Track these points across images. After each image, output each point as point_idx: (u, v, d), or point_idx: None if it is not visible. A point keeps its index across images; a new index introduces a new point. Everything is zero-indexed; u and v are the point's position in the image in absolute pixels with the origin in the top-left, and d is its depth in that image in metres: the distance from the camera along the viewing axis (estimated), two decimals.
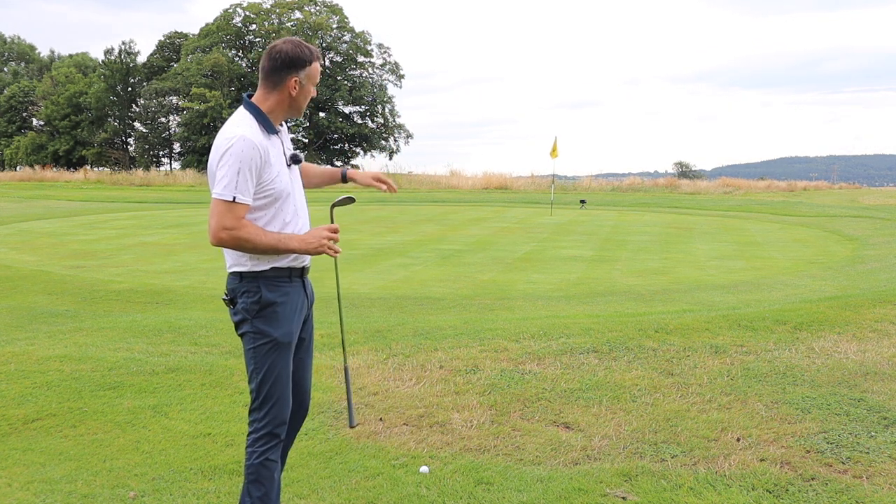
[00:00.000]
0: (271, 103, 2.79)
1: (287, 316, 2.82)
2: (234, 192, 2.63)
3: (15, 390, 4.79)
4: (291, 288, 2.84)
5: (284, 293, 2.81)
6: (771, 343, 5.69)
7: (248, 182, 2.66)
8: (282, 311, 2.80)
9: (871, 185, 54.11)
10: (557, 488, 3.40)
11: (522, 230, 18.84)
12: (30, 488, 3.47)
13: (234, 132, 2.67)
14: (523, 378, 4.93)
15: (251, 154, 2.64)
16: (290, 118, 2.89)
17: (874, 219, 20.99)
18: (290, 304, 2.83)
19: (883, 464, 3.61)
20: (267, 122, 2.76)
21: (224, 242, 2.67)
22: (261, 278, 2.78)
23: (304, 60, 2.78)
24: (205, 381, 4.99)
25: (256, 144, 2.66)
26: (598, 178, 44.30)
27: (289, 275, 2.83)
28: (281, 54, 2.76)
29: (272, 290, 2.78)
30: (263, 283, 2.78)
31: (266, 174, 2.71)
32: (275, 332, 2.80)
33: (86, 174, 47.18)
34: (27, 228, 18.08)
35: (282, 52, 2.76)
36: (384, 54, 60.48)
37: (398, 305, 8.26)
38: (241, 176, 2.63)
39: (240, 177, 2.63)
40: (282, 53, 2.76)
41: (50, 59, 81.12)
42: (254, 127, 2.72)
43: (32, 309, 7.74)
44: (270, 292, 2.78)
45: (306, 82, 2.81)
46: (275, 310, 2.79)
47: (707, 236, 17.54)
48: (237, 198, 2.64)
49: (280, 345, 2.81)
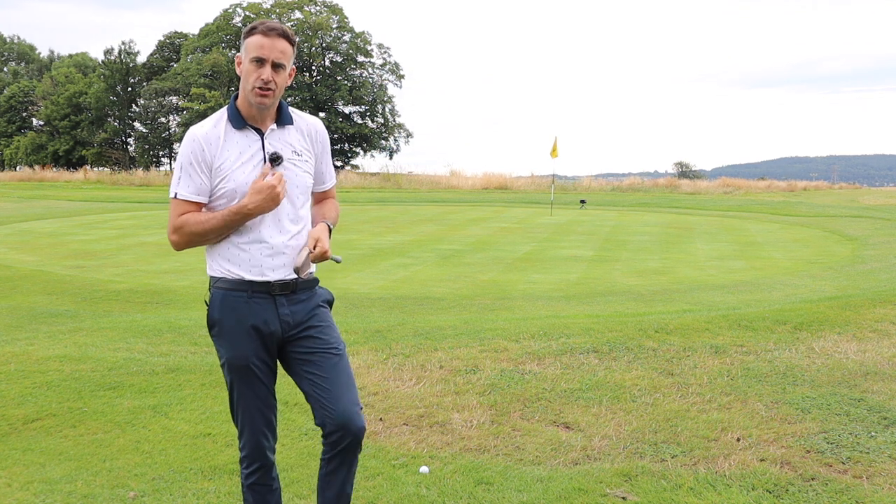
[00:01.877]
0: (240, 94, 2.58)
1: (239, 336, 2.54)
2: (175, 188, 2.50)
3: (15, 390, 4.79)
4: (250, 304, 2.54)
5: (236, 310, 2.54)
6: (771, 343, 5.69)
7: (191, 177, 2.49)
8: (231, 330, 2.55)
9: (871, 185, 54.14)
10: (557, 488, 3.39)
11: (522, 230, 18.84)
12: (30, 488, 3.47)
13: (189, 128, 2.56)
14: (523, 378, 4.93)
15: (190, 147, 2.49)
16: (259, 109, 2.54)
17: (874, 219, 20.99)
18: (243, 324, 2.54)
19: (883, 464, 3.61)
20: (235, 114, 2.55)
21: (177, 244, 2.53)
22: (217, 288, 2.58)
23: (244, 34, 2.54)
24: (205, 381, 4.99)
25: (197, 136, 2.50)
26: (598, 178, 44.34)
27: (245, 288, 2.54)
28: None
29: (223, 304, 2.56)
30: (216, 294, 2.58)
31: (216, 170, 2.51)
32: (224, 354, 2.59)
33: (86, 174, 47.18)
34: (27, 228, 18.08)
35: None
36: (384, 54, 60.52)
37: (398, 305, 8.25)
38: (184, 171, 2.50)
39: (182, 172, 2.50)
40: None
41: (50, 59, 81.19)
42: (213, 120, 2.56)
43: (32, 309, 7.74)
44: (219, 308, 2.57)
45: (244, 56, 2.52)
46: (223, 329, 2.57)
47: (707, 236, 17.54)
48: (178, 194, 2.50)
49: (233, 367, 2.57)
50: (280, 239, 2.57)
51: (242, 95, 2.56)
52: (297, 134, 2.65)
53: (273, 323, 2.57)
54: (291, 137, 2.63)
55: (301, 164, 2.64)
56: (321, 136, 2.73)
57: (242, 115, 2.56)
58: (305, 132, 2.67)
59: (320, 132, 2.72)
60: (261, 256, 2.55)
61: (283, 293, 2.58)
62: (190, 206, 2.51)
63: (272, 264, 2.56)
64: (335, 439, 2.59)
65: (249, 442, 2.64)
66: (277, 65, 2.51)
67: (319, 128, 2.73)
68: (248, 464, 2.67)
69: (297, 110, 2.71)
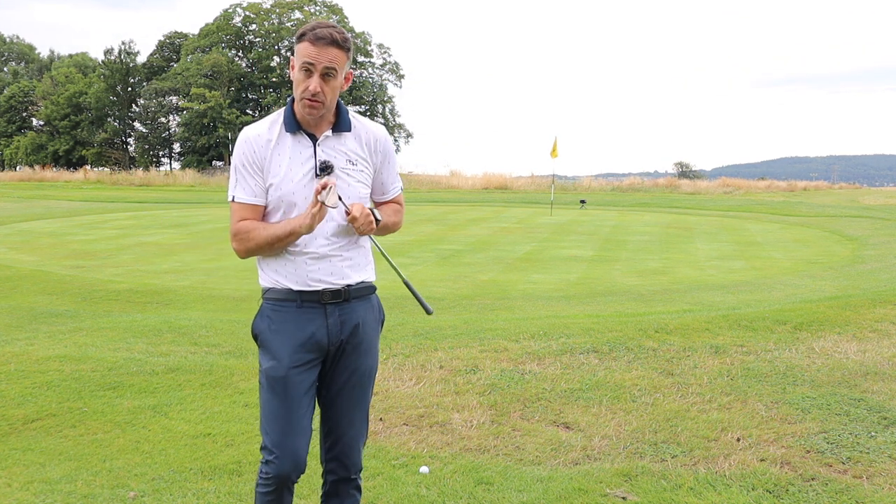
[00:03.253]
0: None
1: (279, 346, 2.45)
2: (232, 192, 2.45)
3: (15, 390, 4.79)
4: (299, 313, 2.47)
5: (282, 320, 2.47)
6: (771, 343, 5.69)
7: (246, 179, 2.43)
8: (273, 339, 2.47)
9: (871, 185, 54.14)
10: (557, 488, 3.39)
11: (522, 230, 18.84)
12: (30, 488, 3.47)
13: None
14: (523, 378, 4.93)
15: (242, 148, 2.43)
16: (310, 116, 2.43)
17: (874, 219, 20.99)
18: (286, 333, 2.46)
19: (883, 464, 3.61)
20: (290, 117, 2.45)
21: (238, 251, 2.46)
22: (266, 299, 2.52)
23: (296, 37, 2.42)
24: (205, 381, 4.99)
25: (249, 138, 2.43)
26: (598, 178, 44.37)
27: (294, 298, 2.47)
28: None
29: (269, 314, 2.49)
30: (265, 305, 2.52)
31: (267, 173, 2.43)
32: (264, 364, 2.49)
33: (86, 174, 47.20)
34: (27, 228, 18.08)
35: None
36: (384, 54, 60.52)
37: (398, 305, 8.25)
38: (238, 173, 2.44)
39: (237, 174, 2.44)
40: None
41: (50, 59, 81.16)
42: (269, 121, 2.48)
43: (32, 309, 7.74)
44: (262, 318, 2.51)
45: (296, 62, 2.41)
46: (265, 339, 2.49)
47: (707, 236, 17.54)
48: (235, 197, 2.44)
49: (270, 379, 2.45)
50: (326, 248, 2.49)
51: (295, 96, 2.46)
52: (354, 142, 2.52)
53: (320, 332, 2.49)
54: (348, 145, 2.51)
55: (355, 173, 2.51)
56: (382, 145, 2.59)
57: (297, 120, 2.46)
58: (364, 140, 2.54)
59: (381, 140, 2.58)
60: (306, 267, 2.47)
61: (333, 301, 2.50)
62: (248, 209, 2.44)
63: (318, 275, 2.48)
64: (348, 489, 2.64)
65: (280, 468, 2.45)
66: (328, 72, 2.39)
67: (381, 135, 2.59)
68: (266, 483, 2.50)
69: (360, 116, 2.60)
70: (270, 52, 58.36)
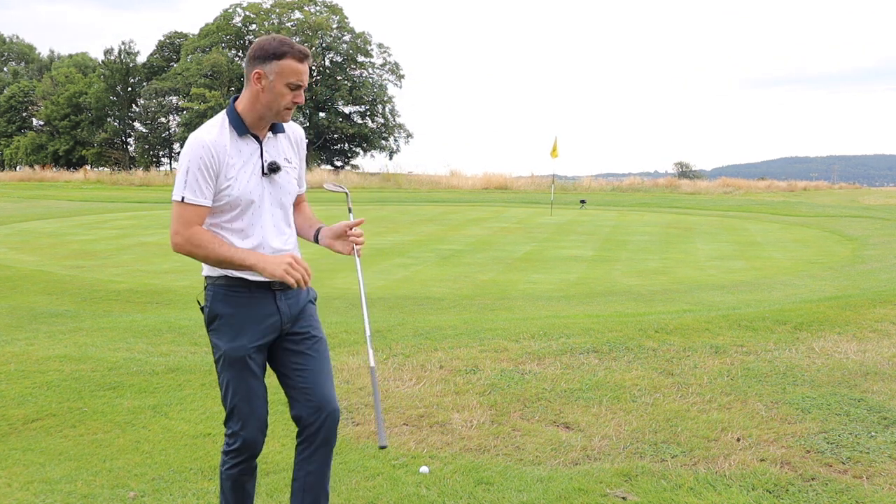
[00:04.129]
0: (244, 101, 2.63)
1: (238, 329, 2.64)
2: (182, 192, 2.55)
3: (15, 390, 4.79)
4: (251, 299, 2.66)
5: (238, 304, 2.65)
6: (771, 343, 5.69)
7: (199, 182, 2.54)
8: (232, 323, 2.65)
9: (871, 185, 54.15)
10: (557, 488, 3.39)
11: (522, 230, 18.84)
12: (30, 488, 3.47)
13: (194, 133, 2.60)
14: (523, 378, 4.93)
15: (199, 153, 2.53)
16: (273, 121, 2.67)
17: (874, 219, 21.00)
18: (243, 317, 2.65)
19: (883, 464, 3.61)
20: (238, 121, 2.62)
21: (179, 247, 2.58)
22: (216, 286, 2.68)
23: (272, 53, 2.56)
24: (205, 381, 4.99)
25: (207, 143, 2.55)
26: (598, 178, 44.34)
27: (247, 286, 2.65)
28: (253, 45, 2.62)
29: (224, 300, 2.66)
30: (217, 291, 2.67)
31: (222, 176, 2.58)
32: (223, 346, 2.66)
33: (86, 174, 47.18)
34: (27, 228, 18.08)
35: (254, 43, 2.62)
36: (384, 54, 60.55)
37: (398, 305, 8.25)
38: (191, 175, 2.54)
39: (188, 176, 2.54)
40: (253, 44, 2.61)
41: (50, 59, 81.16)
42: (217, 126, 2.61)
43: (32, 309, 7.74)
44: (220, 303, 2.66)
45: (274, 78, 2.56)
46: (223, 322, 2.66)
47: (707, 236, 17.54)
48: (185, 197, 2.55)
49: (230, 359, 2.64)
50: (279, 242, 2.71)
51: (251, 105, 2.62)
52: (286, 142, 2.76)
53: (273, 315, 2.69)
54: (283, 145, 2.75)
55: (291, 171, 2.76)
56: (303, 143, 2.85)
57: (245, 123, 2.64)
58: (293, 140, 2.79)
59: (302, 139, 2.84)
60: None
61: (281, 289, 2.70)
62: (197, 210, 2.57)
63: None
64: (316, 426, 2.70)
65: (248, 434, 2.68)
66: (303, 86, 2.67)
67: (302, 135, 2.85)
68: (236, 454, 2.71)
69: None
70: None
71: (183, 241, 2.57)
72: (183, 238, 2.57)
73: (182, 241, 2.57)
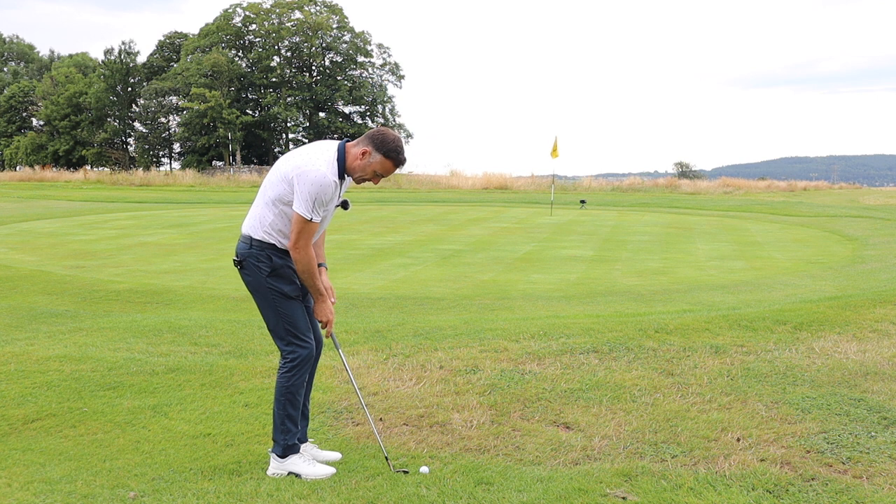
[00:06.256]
0: (349, 154, 3.50)
1: (292, 276, 3.59)
2: (310, 215, 3.41)
3: (15, 390, 4.79)
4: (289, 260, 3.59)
5: (286, 261, 3.58)
6: (771, 343, 5.69)
7: (317, 208, 3.45)
8: (287, 272, 3.58)
9: (871, 185, 54.11)
10: (557, 488, 3.39)
11: (522, 230, 18.84)
12: (30, 488, 3.47)
13: (321, 168, 3.39)
14: (523, 378, 4.93)
15: (325, 190, 3.41)
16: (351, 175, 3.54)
17: (874, 219, 21.00)
18: (291, 270, 3.59)
19: (883, 464, 3.61)
20: (342, 167, 3.49)
21: (299, 253, 3.47)
22: (269, 248, 3.56)
23: (385, 149, 3.46)
24: (205, 381, 4.99)
25: (332, 183, 3.41)
26: (598, 178, 44.34)
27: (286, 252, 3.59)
28: (380, 130, 3.54)
29: (279, 257, 3.56)
30: (272, 252, 3.56)
31: (328, 206, 3.49)
32: (285, 288, 3.59)
33: (86, 174, 47.19)
34: (27, 228, 18.08)
35: (381, 130, 3.54)
36: (384, 54, 60.54)
37: (398, 305, 8.25)
38: (317, 202, 3.42)
39: (315, 202, 3.41)
40: (381, 130, 3.54)
41: (50, 59, 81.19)
42: (332, 168, 3.44)
43: (32, 309, 7.74)
44: (279, 259, 3.57)
45: (373, 162, 3.49)
46: (282, 271, 3.58)
47: (707, 236, 17.54)
48: (314, 219, 3.44)
49: (289, 297, 3.60)
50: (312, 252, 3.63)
51: (350, 162, 3.51)
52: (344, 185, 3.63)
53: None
54: (347, 183, 3.64)
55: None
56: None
57: (343, 169, 3.52)
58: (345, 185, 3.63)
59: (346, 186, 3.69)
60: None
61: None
62: (316, 227, 3.48)
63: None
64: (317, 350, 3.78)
65: (310, 344, 3.64)
66: None
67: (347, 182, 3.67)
68: (301, 365, 3.61)
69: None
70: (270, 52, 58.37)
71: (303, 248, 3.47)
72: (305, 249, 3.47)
73: (303, 248, 3.47)
